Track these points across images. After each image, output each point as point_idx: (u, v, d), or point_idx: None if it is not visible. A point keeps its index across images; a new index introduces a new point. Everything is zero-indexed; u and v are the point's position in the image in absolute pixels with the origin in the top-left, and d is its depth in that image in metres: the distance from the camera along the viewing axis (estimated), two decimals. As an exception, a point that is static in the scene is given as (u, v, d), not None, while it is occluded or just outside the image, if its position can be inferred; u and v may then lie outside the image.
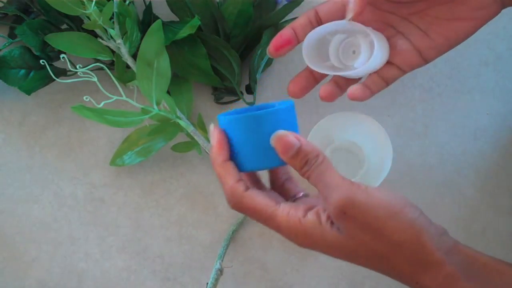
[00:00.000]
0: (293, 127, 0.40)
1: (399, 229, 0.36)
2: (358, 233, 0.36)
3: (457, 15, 0.44)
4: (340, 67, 0.49)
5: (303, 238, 0.37)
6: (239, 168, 0.40)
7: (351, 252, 0.37)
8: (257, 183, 0.43)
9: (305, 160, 0.37)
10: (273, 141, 0.38)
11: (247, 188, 0.38)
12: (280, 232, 0.38)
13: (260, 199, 0.38)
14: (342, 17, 0.46)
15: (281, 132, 0.38)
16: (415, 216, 0.37)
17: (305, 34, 0.46)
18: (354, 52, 0.49)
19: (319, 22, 0.46)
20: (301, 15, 0.47)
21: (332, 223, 0.37)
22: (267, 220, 0.38)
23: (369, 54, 0.47)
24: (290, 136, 0.38)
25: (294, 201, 0.42)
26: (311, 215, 0.37)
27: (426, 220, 0.37)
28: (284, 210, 0.38)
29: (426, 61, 0.47)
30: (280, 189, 0.43)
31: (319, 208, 0.38)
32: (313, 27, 0.46)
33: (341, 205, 0.36)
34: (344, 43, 0.49)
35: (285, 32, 0.47)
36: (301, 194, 0.42)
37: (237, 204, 0.38)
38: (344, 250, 0.37)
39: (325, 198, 0.37)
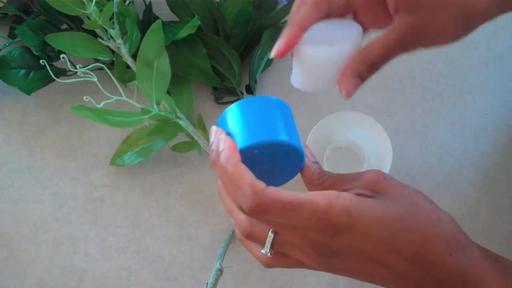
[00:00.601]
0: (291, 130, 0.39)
1: (432, 208, 0.36)
2: (399, 196, 0.36)
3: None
4: None
5: (347, 214, 0.34)
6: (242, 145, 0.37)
7: (394, 220, 0.35)
8: None
9: (322, 176, 0.38)
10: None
11: (267, 186, 0.34)
12: (319, 217, 0.34)
13: (285, 192, 0.34)
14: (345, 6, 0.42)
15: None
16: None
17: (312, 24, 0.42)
18: None
19: (328, 6, 0.41)
20: (307, 6, 0.41)
21: (369, 196, 0.36)
22: (302, 207, 0.33)
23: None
24: (311, 164, 0.39)
25: None
26: (347, 193, 0.35)
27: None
28: (320, 192, 0.35)
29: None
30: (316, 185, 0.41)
31: (356, 187, 0.37)
32: (321, 15, 0.41)
33: (378, 174, 0.37)
34: None
35: (293, 33, 0.41)
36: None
37: (261, 201, 0.33)
38: (389, 220, 0.35)
39: (355, 179, 0.37)
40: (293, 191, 0.34)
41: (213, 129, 0.37)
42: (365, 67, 0.39)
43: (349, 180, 0.37)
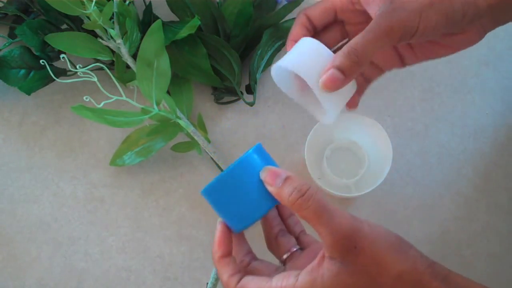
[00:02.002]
0: (271, 164, 0.41)
1: (399, 260, 0.36)
2: (366, 266, 0.36)
3: (443, 44, 0.44)
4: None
5: None
6: (234, 229, 0.41)
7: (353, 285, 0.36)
8: (254, 257, 0.44)
9: (295, 187, 0.37)
10: (262, 175, 0.39)
11: (240, 279, 0.39)
12: None
13: (252, 286, 0.38)
14: (333, 18, 0.45)
15: (269, 166, 0.39)
16: (408, 247, 0.37)
17: None
18: None
19: (314, 27, 0.45)
20: (294, 25, 0.44)
21: (331, 258, 0.36)
22: None
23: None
24: (278, 168, 0.39)
25: (286, 260, 0.42)
26: (303, 276, 0.37)
27: (417, 251, 0.37)
28: (277, 284, 0.37)
29: (405, 65, 0.47)
30: (275, 246, 0.43)
31: (313, 264, 0.37)
32: (311, 34, 0.45)
33: (350, 236, 0.35)
34: None
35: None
36: (294, 249, 0.43)
37: None
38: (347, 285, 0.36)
39: (327, 226, 0.35)
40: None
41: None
42: (347, 59, 0.38)
43: (329, 225, 0.36)
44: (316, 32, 0.45)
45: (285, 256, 0.42)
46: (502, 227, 0.61)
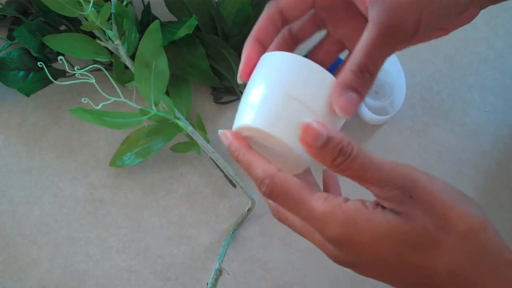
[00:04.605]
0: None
1: (466, 214, 0.31)
2: (421, 217, 0.31)
3: (439, 27, 0.42)
4: None
5: (343, 226, 0.31)
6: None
7: (403, 239, 0.31)
8: None
9: (340, 149, 0.31)
10: (299, 130, 0.32)
11: (279, 170, 0.33)
12: (312, 220, 0.32)
13: (294, 181, 0.33)
14: (309, 9, 0.39)
15: (308, 122, 0.32)
16: (473, 201, 0.32)
17: (272, 40, 0.39)
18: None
19: (284, 22, 0.39)
20: (261, 17, 0.38)
21: (383, 208, 0.32)
22: (300, 203, 0.32)
23: None
24: (318, 126, 0.32)
25: None
26: (353, 201, 0.32)
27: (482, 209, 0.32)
28: (322, 195, 0.32)
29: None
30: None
31: (364, 202, 0.32)
32: (279, 30, 0.39)
33: (407, 186, 0.31)
34: None
35: (250, 52, 0.38)
36: None
37: (271, 187, 0.33)
38: (396, 236, 0.31)
39: (379, 182, 0.31)
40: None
41: (220, 133, 0.37)
42: (355, 76, 0.34)
43: (377, 180, 0.32)
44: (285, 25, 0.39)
45: None
46: (503, 226, 0.61)
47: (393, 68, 0.64)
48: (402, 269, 0.31)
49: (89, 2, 0.54)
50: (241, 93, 0.64)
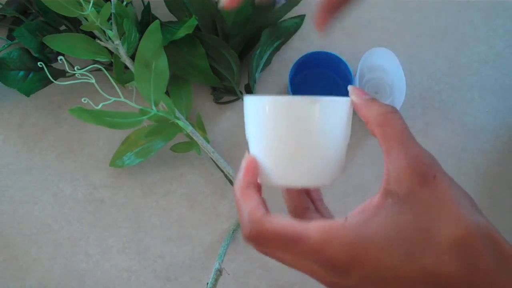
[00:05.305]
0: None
1: (474, 213, 0.30)
2: (440, 201, 0.29)
3: None
4: None
5: (347, 252, 0.29)
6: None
7: (413, 238, 0.28)
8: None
9: (385, 105, 0.33)
10: (350, 87, 0.34)
11: (267, 212, 0.32)
12: (316, 256, 0.29)
13: (285, 220, 0.31)
14: None
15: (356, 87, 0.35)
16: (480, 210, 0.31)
17: None
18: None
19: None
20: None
21: (394, 195, 0.29)
22: (297, 242, 0.30)
23: None
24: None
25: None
26: (353, 216, 0.30)
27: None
28: (318, 223, 0.30)
29: None
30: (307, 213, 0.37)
31: (368, 202, 0.31)
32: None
33: (432, 164, 0.30)
34: None
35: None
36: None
37: (256, 232, 0.31)
38: (405, 234, 0.28)
39: (409, 148, 0.30)
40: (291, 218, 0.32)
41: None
42: None
43: (397, 151, 0.30)
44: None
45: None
46: (503, 226, 0.60)
47: (393, 68, 0.64)
48: (412, 277, 0.28)
49: (89, 2, 0.54)
50: (241, 93, 0.65)
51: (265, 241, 0.31)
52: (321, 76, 0.63)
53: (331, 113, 0.32)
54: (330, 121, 0.33)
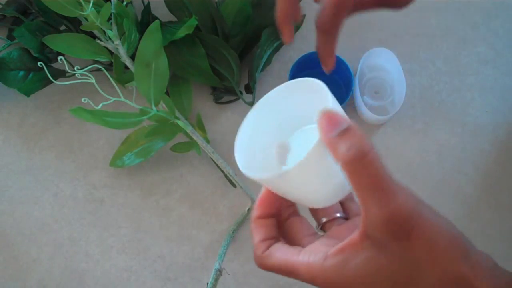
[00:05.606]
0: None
1: (457, 262, 0.29)
2: (415, 259, 0.29)
3: None
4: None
5: (332, 285, 0.31)
6: None
7: (388, 277, 0.30)
8: (295, 212, 0.38)
9: (354, 144, 0.29)
10: (318, 116, 0.31)
11: (268, 247, 0.35)
12: (310, 284, 0.34)
13: (279, 255, 0.34)
14: None
15: (328, 108, 0.31)
16: (471, 246, 0.31)
17: None
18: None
19: None
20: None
21: (372, 238, 0.30)
22: (292, 274, 0.34)
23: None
24: (338, 114, 0.30)
25: (326, 226, 0.38)
26: (332, 256, 0.31)
27: (479, 254, 0.31)
28: (302, 260, 0.33)
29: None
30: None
31: (347, 242, 0.31)
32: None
33: (408, 219, 0.29)
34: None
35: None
36: (336, 215, 0.38)
37: (260, 264, 0.36)
38: (382, 274, 0.30)
39: (382, 202, 0.29)
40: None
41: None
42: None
43: (375, 200, 0.29)
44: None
45: (324, 220, 0.38)
46: (503, 225, 0.61)
47: (393, 68, 0.64)
48: None
49: (89, 2, 0.54)
50: (241, 93, 0.65)
51: (269, 270, 0.36)
52: (321, 76, 0.63)
53: (312, 164, 0.32)
54: (314, 168, 0.32)
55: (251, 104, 0.64)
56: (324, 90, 0.33)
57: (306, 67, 0.63)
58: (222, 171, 0.60)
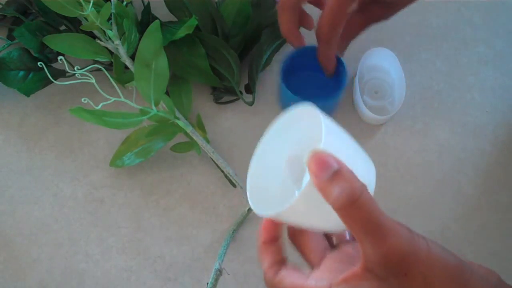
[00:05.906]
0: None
1: None
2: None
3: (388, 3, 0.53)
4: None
5: None
6: None
7: None
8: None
9: (345, 189, 0.29)
10: (307, 159, 0.31)
11: (277, 272, 0.37)
12: None
13: (288, 280, 0.36)
14: None
15: (318, 150, 0.30)
16: (469, 275, 0.32)
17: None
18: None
19: None
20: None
21: (373, 273, 0.31)
22: None
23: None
24: (328, 156, 0.30)
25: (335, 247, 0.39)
26: (338, 285, 0.33)
27: (477, 280, 0.32)
28: (311, 286, 0.34)
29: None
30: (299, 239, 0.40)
31: (352, 272, 0.33)
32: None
33: (403, 260, 0.30)
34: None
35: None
36: (347, 237, 0.39)
37: (272, 286, 0.37)
38: None
39: (376, 246, 0.30)
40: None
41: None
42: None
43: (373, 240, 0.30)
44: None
45: (334, 239, 0.39)
46: (503, 225, 0.61)
47: (393, 68, 0.64)
48: None
49: (89, 2, 0.54)
50: (241, 93, 0.65)
51: None
52: (314, 71, 0.62)
53: (308, 199, 0.32)
54: (312, 203, 0.32)
55: (251, 104, 0.64)
56: (319, 117, 0.33)
57: (302, 68, 0.63)
58: (222, 171, 0.60)
